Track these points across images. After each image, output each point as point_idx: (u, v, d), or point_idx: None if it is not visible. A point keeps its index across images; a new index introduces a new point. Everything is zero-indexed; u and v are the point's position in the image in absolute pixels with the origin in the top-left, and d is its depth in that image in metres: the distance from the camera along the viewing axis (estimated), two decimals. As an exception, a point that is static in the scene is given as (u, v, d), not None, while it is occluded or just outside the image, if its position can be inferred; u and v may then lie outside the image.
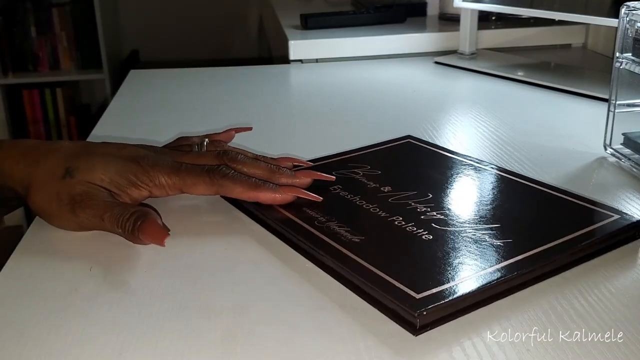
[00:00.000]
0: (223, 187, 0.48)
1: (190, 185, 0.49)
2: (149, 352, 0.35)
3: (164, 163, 0.49)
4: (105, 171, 0.47)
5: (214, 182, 0.48)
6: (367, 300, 0.38)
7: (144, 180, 0.48)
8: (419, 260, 0.41)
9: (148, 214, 0.45)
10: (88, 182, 0.47)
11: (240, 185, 0.48)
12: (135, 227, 0.44)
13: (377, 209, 0.48)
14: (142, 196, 0.49)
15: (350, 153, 0.60)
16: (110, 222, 0.45)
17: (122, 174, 0.48)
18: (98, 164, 0.48)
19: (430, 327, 0.36)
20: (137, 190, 0.48)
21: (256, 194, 0.48)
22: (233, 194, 0.49)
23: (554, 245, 0.42)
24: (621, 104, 0.60)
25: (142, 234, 0.44)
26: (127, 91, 0.90)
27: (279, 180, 0.50)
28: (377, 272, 0.39)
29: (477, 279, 0.38)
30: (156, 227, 0.44)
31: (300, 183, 0.51)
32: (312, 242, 0.43)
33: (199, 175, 0.48)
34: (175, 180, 0.49)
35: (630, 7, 0.57)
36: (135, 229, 0.44)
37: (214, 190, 0.49)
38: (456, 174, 0.54)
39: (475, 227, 0.45)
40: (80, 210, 0.46)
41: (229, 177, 0.48)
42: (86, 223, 0.46)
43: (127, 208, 0.46)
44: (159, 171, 0.48)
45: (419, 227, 0.45)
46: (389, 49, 1.06)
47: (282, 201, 0.49)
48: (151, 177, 0.48)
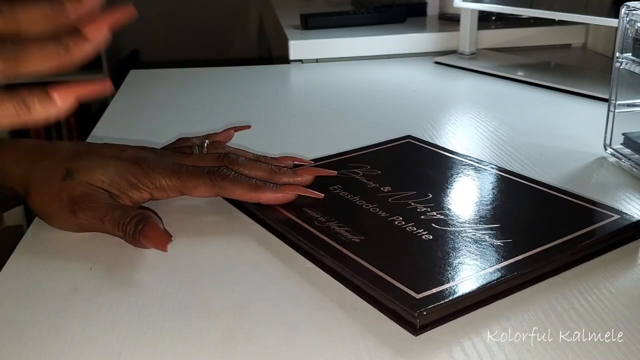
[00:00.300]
0: (224, 188, 0.48)
1: (191, 187, 0.49)
2: (149, 352, 0.35)
3: (165, 165, 0.49)
4: (105, 173, 0.47)
5: (214, 184, 0.48)
6: (367, 301, 0.38)
7: (145, 182, 0.48)
8: (419, 260, 0.41)
9: (149, 218, 0.45)
10: (88, 183, 0.47)
11: (241, 186, 0.48)
12: (136, 230, 0.44)
13: (377, 208, 0.48)
14: (143, 198, 0.49)
15: (350, 153, 0.60)
16: (111, 224, 0.45)
17: (123, 175, 0.48)
18: (98, 166, 0.48)
19: (430, 327, 0.36)
20: (138, 192, 0.48)
21: (257, 195, 0.48)
22: (234, 196, 0.49)
23: (554, 245, 0.42)
24: (621, 104, 0.60)
25: (143, 238, 0.44)
26: (127, 91, 0.90)
27: (280, 180, 0.50)
28: (377, 272, 0.39)
29: (477, 279, 0.38)
30: (158, 231, 0.44)
31: (302, 181, 0.51)
32: (312, 242, 0.43)
33: (200, 177, 0.48)
34: (176, 183, 0.49)
35: (630, 7, 0.57)
36: (136, 233, 0.44)
37: (215, 192, 0.49)
38: (456, 174, 0.54)
39: (475, 227, 0.45)
40: (80, 212, 0.46)
41: (229, 178, 0.48)
42: (86, 225, 0.46)
43: (128, 211, 0.46)
44: (159, 173, 0.48)
45: (419, 227, 0.45)
46: (389, 49, 1.06)
47: (284, 200, 0.49)
48: (152, 179, 0.48)
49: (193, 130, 0.66)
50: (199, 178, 0.48)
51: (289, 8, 1.36)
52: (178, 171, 0.49)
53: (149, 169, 0.48)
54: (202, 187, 0.49)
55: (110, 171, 0.48)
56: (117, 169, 0.48)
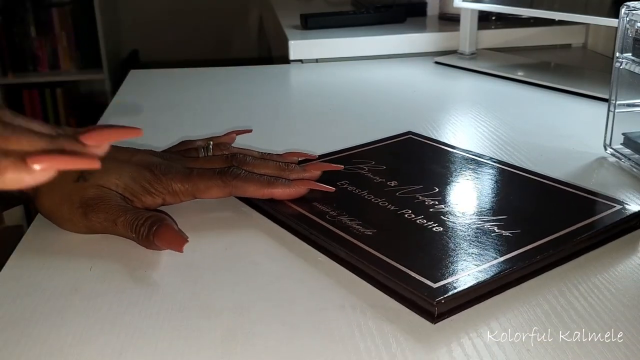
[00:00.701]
0: (236, 188, 0.49)
1: (203, 189, 0.49)
2: (149, 352, 0.35)
3: (176, 170, 0.49)
4: (120, 177, 0.48)
5: (227, 184, 0.49)
6: (383, 291, 0.39)
7: (158, 188, 0.49)
8: (432, 251, 0.42)
9: (164, 219, 0.45)
10: (102, 186, 0.47)
11: (253, 184, 0.49)
12: (150, 232, 0.44)
13: (385, 202, 0.49)
14: (156, 204, 0.49)
15: (354, 149, 0.61)
16: (124, 226, 0.45)
17: (137, 181, 0.48)
18: (113, 169, 0.48)
19: (447, 315, 0.37)
20: (151, 197, 0.49)
21: (270, 191, 0.49)
22: (247, 194, 0.49)
23: (562, 234, 0.43)
24: (621, 104, 0.60)
25: (158, 239, 0.44)
26: (127, 91, 0.90)
27: (290, 175, 0.51)
28: (392, 263, 0.40)
29: (490, 268, 0.39)
30: (173, 232, 0.44)
31: (311, 176, 0.52)
32: (325, 235, 0.44)
33: (211, 179, 0.49)
34: (188, 187, 0.49)
35: (630, 7, 0.57)
36: (150, 234, 0.44)
37: (228, 192, 0.49)
38: (460, 168, 0.56)
39: (483, 219, 0.46)
40: (92, 214, 0.46)
41: (241, 177, 0.49)
42: (98, 227, 0.46)
43: (141, 212, 0.46)
44: (171, 179, 0.49)
45: (428, 219, 0.46)
46: (389, 49, 1.06)
47: (296, 194, 0.49)
48: (165, 184, 0.49)
49: (193, 130, 0.66)
50: (211, 180, 0.49)
51: (289, 8, 1.35)
52: (189, 175, 0.49)
53: (161, 175, 0.49)
54: (214, 188, 0.49)
55: (124, 175, 0.48)
56: (131, 174, 0.48)
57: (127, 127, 0.35)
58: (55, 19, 2.39)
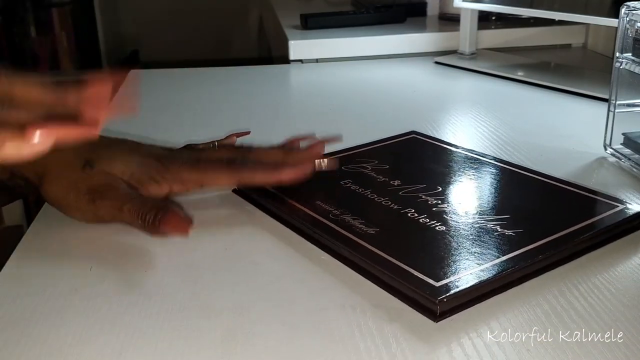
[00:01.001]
0: (244, 175, 0.49)
1: (211, 178, 0.49)
2: (149, 352, 0.35)
3: (184, 159, 0.50)
4: (127, 164, 0.48)
5: (234, 172, 0.49)
6: (386, 290, 0.39)
7: (166, 176, 0.49)
8: (435, 250, 0.42)
9: (170, 206, 0.45)
10: (108, 173, 0.47)
11: (260, 171, 0.49)
12: (156, 218, 0.44)
13: (388, 201, 0.49)
14: (162, 192, 0.49)
15: (357, 148, 0.61)
16: (130, 213, 0.45)
17: (144, 169, 0.48)
18: (120, 157, 0.48)
19: (449, 314, 0.37)
20: (158, 186, 0.49)
21: (278, 175, 0.49)
22: (255, 181, 0.49)
23: (564, 234, 0.43)
24: (621, 104, 0.60)
25: (164, 225, 0.44)
26: (127, 91, 0.90)
27: (295, 158, 0.52)
28: (395, 261, 0.40)
29: (492, 267, 0.39)
30: (178, 218, 0.44)
31: (315, 154, 0.52)
32: (328, 234, 0.44)
33: (219, 167, 0.49)
34: (196, 175, 0.49)
35: (630, 7, 0.57)
36: (156, 220, 0.44)
37: (236, 180, 0.49)
38: (462, 168, 0.56)
39: (486, 218, 0.46)
40: (99, 200, 0.46)
41: (248, 165, 0.49)
42: (104, 214, 0.46)
43: (147, 200, 0.46)
44: (179, 167, 0.49)
45: (431, 219, 0.46)
46: (389, 49, 1.06)
47: (304, 174, 0.49)
48: (172, 173, 0.49)
49: (193, 130, 0.66)
50: (219, 168, 0.49)
51: (289, 8, 1.35)
52: (197, 163, 0.49)
53: (169, 163, 0.49)
54: (222, 176, 0.49)
55: (131, 163, 0.48)
56: (138, 162, 0.48)
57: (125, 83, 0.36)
58: (55, 19, 2.39)
